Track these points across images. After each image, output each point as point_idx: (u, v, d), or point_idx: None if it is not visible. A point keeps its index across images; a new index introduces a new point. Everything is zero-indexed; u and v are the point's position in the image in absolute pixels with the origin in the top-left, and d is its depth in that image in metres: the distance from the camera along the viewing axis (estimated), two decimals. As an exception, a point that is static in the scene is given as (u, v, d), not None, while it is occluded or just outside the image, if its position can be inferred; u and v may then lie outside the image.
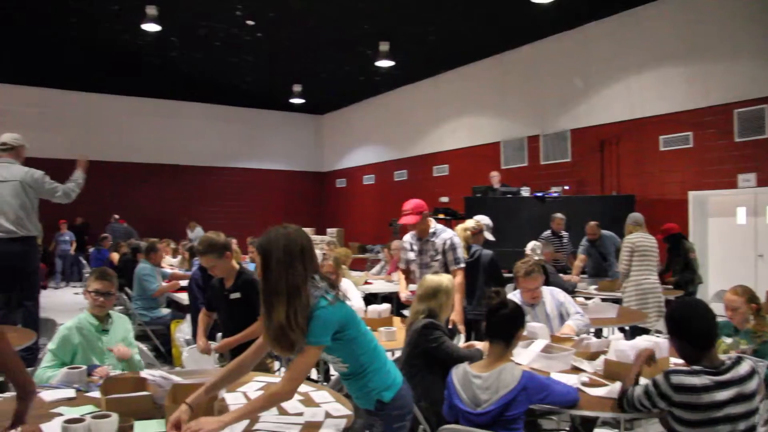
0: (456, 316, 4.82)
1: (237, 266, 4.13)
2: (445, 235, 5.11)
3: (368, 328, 2.74)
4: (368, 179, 19.25)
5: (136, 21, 11.71)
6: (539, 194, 11.07)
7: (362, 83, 16.98)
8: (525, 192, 11.32)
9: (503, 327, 3.01)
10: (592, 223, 8.56)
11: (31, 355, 5.81)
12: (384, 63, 13.58)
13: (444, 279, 3.81)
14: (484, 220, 6.47)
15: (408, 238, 5.33)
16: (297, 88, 17.10)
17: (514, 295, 4.52)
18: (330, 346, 2.52)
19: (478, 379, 2.87)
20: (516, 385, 2.77)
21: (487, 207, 10.12)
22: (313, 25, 12.42)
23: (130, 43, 13.68)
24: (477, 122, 14.97)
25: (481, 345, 3.70)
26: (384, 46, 13.13)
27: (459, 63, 15.09)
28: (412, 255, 5.25)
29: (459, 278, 4.95)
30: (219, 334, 4.02)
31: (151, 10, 11.36)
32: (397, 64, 14.01)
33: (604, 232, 8.53)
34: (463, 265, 5.10)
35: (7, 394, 3.16)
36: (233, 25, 12.53)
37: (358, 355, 2.60)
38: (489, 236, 6.42)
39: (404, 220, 5.06)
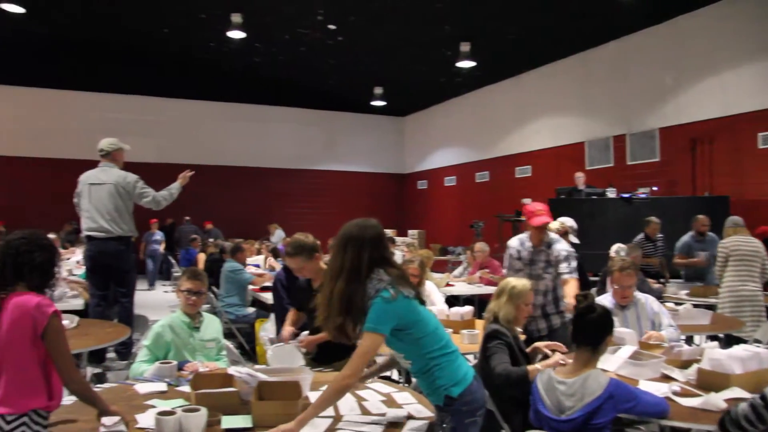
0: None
1: (324, 266, 4.16)
2: (559, 246, 4.71)
3: (442, 327, 2.72)
4: (449, 181, 19.15)
5: (221, 29, 12.10)
6: (626, 195, 10.69)
7: (443, 84, 16.92)
8: (611, 193, 10.95)
9: (591, 332, 2.91)
10: (701, 216, 8.08)
11: (126, 349, 6.10)
12: (465, 63, 13.48)
13: (515, 281, 3.71)
14: (568, 222, 6.30)
15: (515, 244, 4.91)
16: (378, 90, 17.22)
17: (603, 299, 4.37)
18: (391, 342, 2.55)
19: (563, 385, 2.79)
20: (602, 392, 2.68)
21: (572, 209, 9.86)
22: (394, 27, 12.48)
23: (216, 51, 14.16)
24: (560, 122, 14.64)
25: (558, 357, 3.48)
26: (465, 47, 13.03)
27: (541, 62, 14.80)
28: (518, 264, 4.86)
29: (571, 287, 4.51)
30: (304, 333, 4.06)
31: (236, 18, 11.70)
32: (479, 65, 13.89)
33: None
34: (576, 275, 4.67)
35: (106, 385, 3.32)
36: (315, 30, 12.74)
37: (423, 354, 2.59)
38: (573, 239, 6.23)
39: (540, 220, 4.65)
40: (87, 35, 13.47)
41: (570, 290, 4.46)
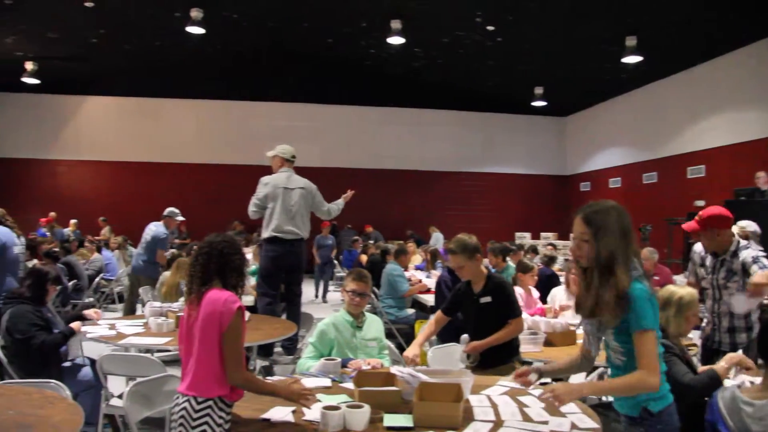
0: None
1: (485, 270, 4.13)
2: (746, 252, 4.21)
3: None
4: (614, 182, 18.28)
5: (381, 35, 12.41)
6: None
7: (607, 82, 16.19)
8: (799, 195, 9.89)
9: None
10: None
11: (292, 345, 6.40)
12: (631, 59, 12.80)
13: (681, 291, 3.43)
14: (750, 227, 5.73)
15: (699, 249, 4.59)
16: (539, 90, 16.83)
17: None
18: (621, 330, 2.40)
19: (750, 407, 2.53)
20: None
21: (753, 212, 8.99)
22: (555, 24, 12.14)
23: (377, 57, 14.55)
24: (738, 117, 13.43)
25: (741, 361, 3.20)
26: (631, 41, 12.37)
27: (716, 53, 13.68)
28: (702, 271, 4.52)
29: (760, 276, 4.02)
30: (464, 336, 4.05)
31: (396, 24, 11.96)
32: (646, 59, 13.12)
33: None
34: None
35: (274, 378, 3.51)
36: (474, 32, 12.71)
37: None
38: (755, 247, 5.65)
39: (685, 225, 4.44)
40: (256, 50, 14.42)
41: (758, 278, 4.00)
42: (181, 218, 8.78)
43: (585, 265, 2.47)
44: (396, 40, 12.33)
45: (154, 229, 8.33)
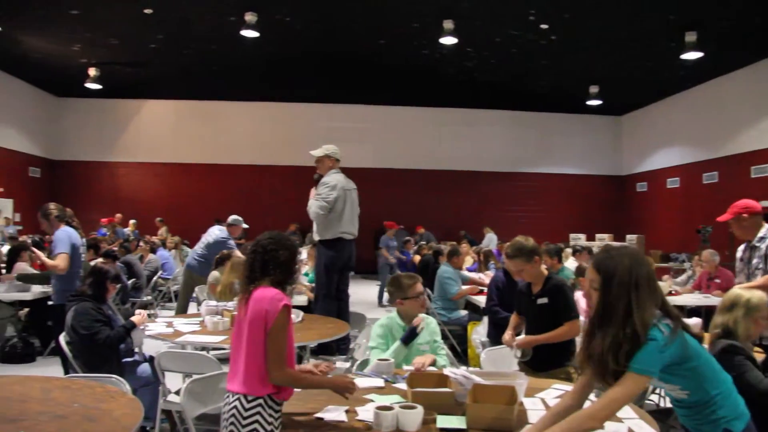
0: None
1: (545, 271, 4.09)
2: None
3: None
4: (672, 182, 17.79)
5: (434, 36, 12.38)
6: None
7: (666, 79, 15.76)
8: None
9: None
10: None
11: (344, 345, 6.44)
12: (691, 55, 12.42)
13: (749, 294, 3.29)
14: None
15: (743, 245, 4.59)
16: (594, 89, 16.49)
17: None
18: (665, 378, 2.28)
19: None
20: None
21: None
22: (611, 21, 11.88)
23: (429, 57, 14.52)
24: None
25: None
26: (691, 37, 12.01)
27: (784, 46, 13.18)
28: (740, 265, 4.51)
29: None
30: (520, 337, 4.01)
31: (448, 24, 11.91)
32: (707, 55, 12.71)
33: None
34: None
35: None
36: (528, 31, 12.55)
37: (702, 382, 2.30)
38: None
39: (719, 217, 4.49)
40: (309, 52, 14.56)
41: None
42: (245, 225, 8.88)
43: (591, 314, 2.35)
44: (448, 41, 12.28)
45: (218, 233, 8.49)
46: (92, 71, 15.94)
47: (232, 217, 8.72)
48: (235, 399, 2.58)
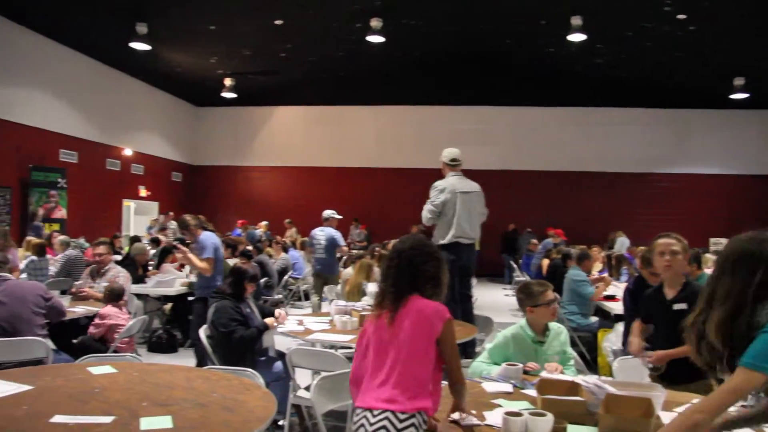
0: None
1: (683, 276, 3.83)
2: None
3: None
4: (829, 181, 16.27)
5: (561, 33, 12.04)
6: None
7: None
8: None
9: None
10: None
11: (471, 348, 6.40)
12: None
13: None
14: None
15: None
16: (739, 81, 15.35)
17: None
18: None
19: None
20: None
21: None
22: (756, 7, 11.03)
23: (556, 55, 14.14)
24: None
25: None
26: None
27: None
28: None
29: None
30: (647, 345, 3.77)
31: (576, 20, 11.53)
32: None
33: None
34: None
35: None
36: (662, 23, 11.91)
37: None
38: None
39: None
40: (434, 55, 14.62)
41: None
42: (339, 216, 9.49)
43: None
44: (577, 37, 11.90)
45: (324, 233, 9.08)
46: (227, 81, 16.90)
47: (328, 213, 9.34)
48: (381, 417, 2.43)
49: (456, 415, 2.61)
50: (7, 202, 12.22)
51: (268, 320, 4.79)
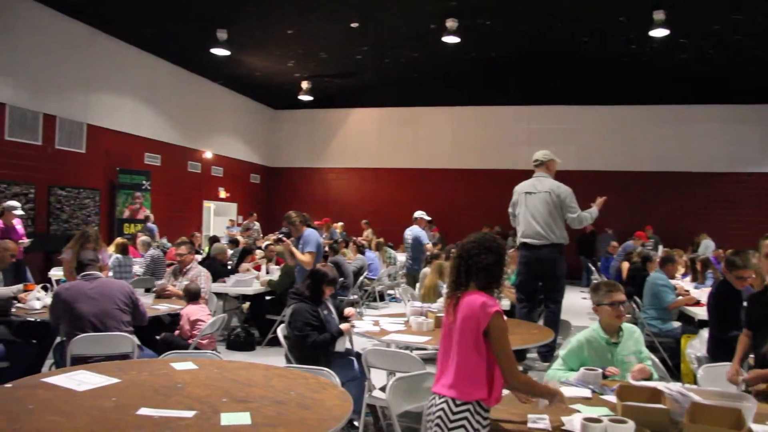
0: None
1: None
2: None
3: None
4: None
5: (643, 29, 11.67)
6: None
7: None
8: None
9: None
10: None
11: (548, 352, 6.30)
12: None
13: None
14: None
15: None
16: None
17: None
18: None
19: None
20: None
21: None
22: None
23: (637, 52, 13.71)
24: None
25: None
26: None
27: None
28: None
29: None
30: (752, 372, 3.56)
31: (659, 15, 11.14)
32: None
33: None
34: None
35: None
36: (755, 13, 11.34)
37: None
38: None
39: None
40: (510, 54, 14.44)
41: None
42: (428, 218, 10.17)
43: None
44: (659, 33, 11.48)
45: (411, 232, 9.79)
46: (304, 84, 17.22)
47: (416, 213, 10.18)
48: (442, 401, 2.59)
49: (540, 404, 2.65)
50: (96, 204, 12.83)
51: (343, 326, 4.83)
